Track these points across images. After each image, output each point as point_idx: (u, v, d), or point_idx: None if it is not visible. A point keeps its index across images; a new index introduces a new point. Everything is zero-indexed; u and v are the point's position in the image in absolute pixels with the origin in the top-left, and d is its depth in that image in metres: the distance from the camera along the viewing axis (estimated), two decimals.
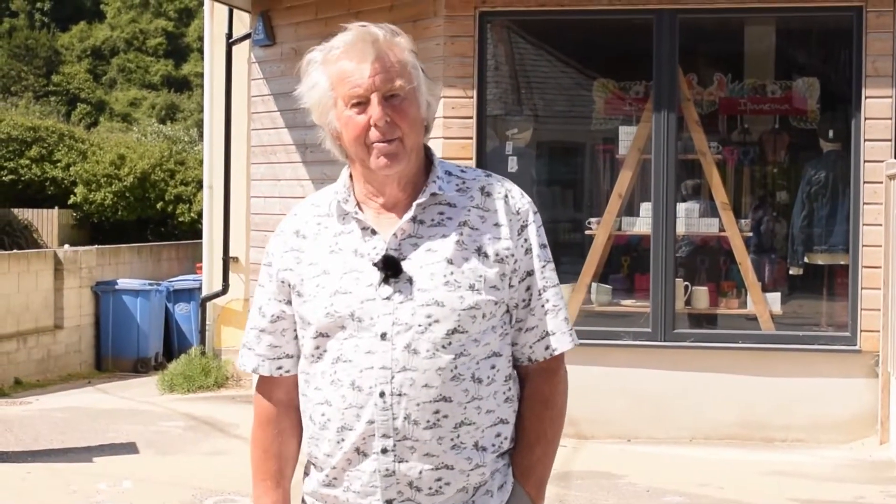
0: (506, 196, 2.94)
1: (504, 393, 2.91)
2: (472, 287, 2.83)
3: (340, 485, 2.89)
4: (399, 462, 2.82)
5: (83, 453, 9.64)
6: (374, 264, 2.83)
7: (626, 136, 10.46)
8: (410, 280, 2.82)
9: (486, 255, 2.87)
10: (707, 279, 10.59)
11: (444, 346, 2.81)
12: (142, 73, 57.86)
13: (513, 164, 10.53)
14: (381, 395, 2.80)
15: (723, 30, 11.17)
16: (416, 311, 2.81)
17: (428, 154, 2.98)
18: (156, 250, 20.20)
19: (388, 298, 2.82)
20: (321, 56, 2.89)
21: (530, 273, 2.93)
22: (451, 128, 10.02)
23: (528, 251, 2.94)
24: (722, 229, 10.21)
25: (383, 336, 2.81)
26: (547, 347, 2.96)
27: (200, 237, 15.60)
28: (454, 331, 2.81)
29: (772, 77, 11.22)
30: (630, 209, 10.49)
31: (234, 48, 13.60)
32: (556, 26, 10.91)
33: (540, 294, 2.94)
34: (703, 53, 11.18)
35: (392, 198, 2.90)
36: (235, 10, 13.45)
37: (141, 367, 16.33)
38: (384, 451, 2.82)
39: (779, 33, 11.32)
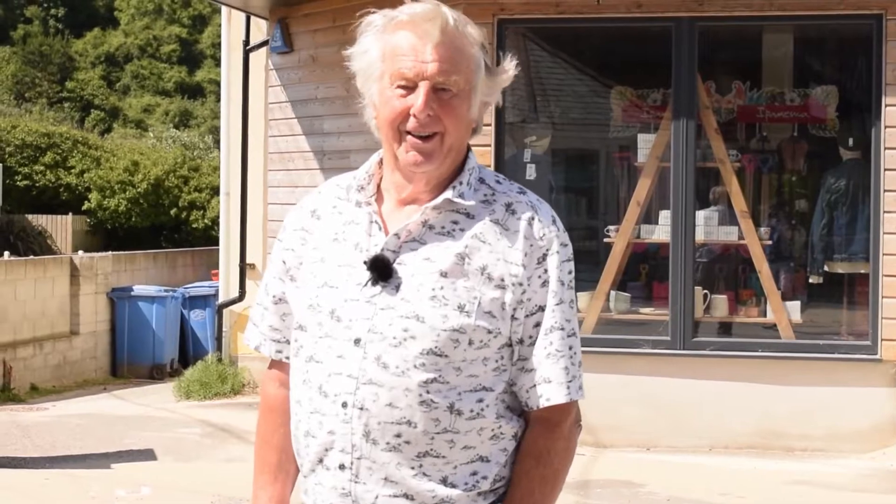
0: (531, 218, 2.63)
1: (492, 430, 2.62)
2: (460, 308, 2.55)
3: (310, 496, 2.69)
4: (355, 482, 2.58)
5: (101, 459, 9.64)
6: (364, 262, 2.60)
7: (645, 143, 10.44)
8: (398, 287, 2.58)
9: (489, 278, 2.58)
10: (726, 287, 10.56)
11: (416, 366, 2.54)
12: (155, 80, 57.97)
13: (531, 172, 10.52)
14: (344, 405, 2.57)
15: (741, 38, 11.15)
16: (393, 322, 2.56)
17: (467, 157, 2.69)
18: (171, 257, 20.24)
19: (370, 302, 2.58)
20: (382, 21, 2.62)
21: (542, 308, 2.62)
22: None
23: (545, 284, 2.61)
24: (741, 237, 10.19)
25: (357, 342, 2.57)
26: (541, 396, 2.63)
27: (214, 244, 15.64)
28: (430, 351, 2.54)
29: (790, 85, 11.20)
30: (648, 217, 10.47)
31: (252, 55, 13.61)
32: (574, 34, 10.91)
33: (546, 334, 2.62)
34: (721, 61, 11.17)
35: (415, 193, 2.65)
36: (253, 17, 13.46)
37: (156, 373, 16.35)
38: (342, 466, 2.59)
39: (797, 41, 11.29)
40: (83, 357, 16.28)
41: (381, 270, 2.58)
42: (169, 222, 31.66)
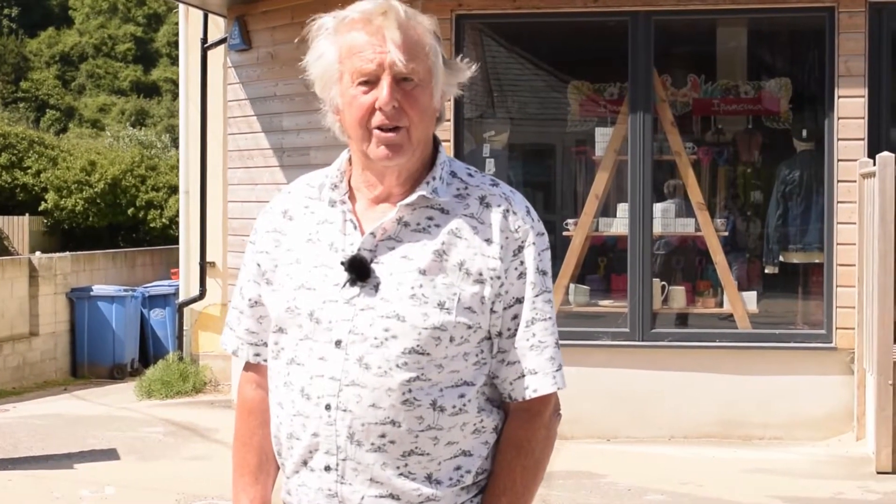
0: (506, 210, 2.62)
1: (474, 425, 2.63)
2: (440, 305, 2.55)
3: (294, 496, 2.69)
4: (341, 483, 2.59)
5: (64, 460, 9.63)
6: (341, 263, 2.58)
7: (602, 137, 10.53)
8: (377, 287, 2.57)
9: (468, 273, 2.57)
10: (683, 279, 10.67)
11: (398, 366, 2.54)
12: (111, 79, 57.67)
13: (490, 167, 10.58)
14: (327, 407, 2.57)
15: (696, 31, 11.26)
16: (374, 322, 2.55)
17: (436, 148, 2.69)
18: (130, 256, 20.17)
19: (349, 303, 2.57)
20: (333, 23, 2.60)
21: (520, 300, 2.62)
22: None
23: (522, 276, 2.61)
24: (698, 229, 10.29)
25: (338, 343, 2.57)
26: (526, 387, 2.63)
27: (172, 243, 15.62)
28: (412, 350, 2.54)
29: (745, 77, 11.32)
30: (606, 210, 10.56)
31: (210, 53, 13.60)
32: (531, 29, 10.97)
33: (527, 326, 2.62)
34: (676, 55, 11.27)
35: (387, 190, 2.63)
36: (210, 15, 13.45)
37: (117, 373, 16.30)
38: (327, 468, 2.59)
39: (751, 34, 11.42)
40: (43, 358, 16.21)
41: (359, 270, 2.57)
42: (127, 222, 31.52)
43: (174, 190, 29.55)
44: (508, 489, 2.65)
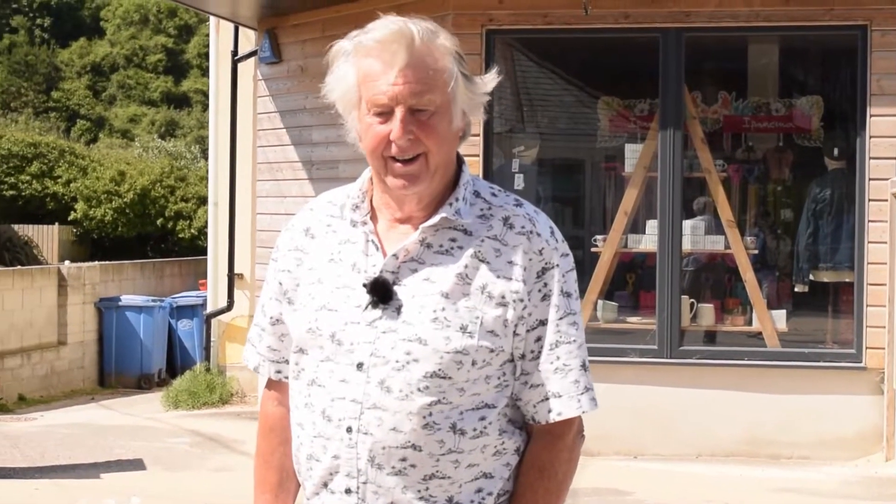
0: (530, 232, 2.59)
1: (495, 447, 2.60)
2: (463, 329, 2.52)
3: None
4: None
5: (90, 469, 9.65)
6: (364, 285, 2.56)
7: (632, 153, 10.50)
8: (399, 309, 2.54)
9: (490, 296, 2.54)
10: (712, 296, 10.62)
11: (419, 389, 2.51)
12: (141, 90, 57.93)
13: (519, 182, 10.57)
14: (349, 430, 2.55)
15: (727, 48, 11.22)
16: (396, 345, 2.52)
17: (459, 167, 2.65)
18: (158, 266, 20.24)
19: (371, 325, 2.55)
20: (352, 47, 2.56)
21: (543, 323, 2.59)
22: None
23: (546, 298, 2.58)
24: (727, 247, 10.25)
25: (360, 366, 2.54)
26: (550, 410, 2.60)
27: (200, 254, 15.67)
28: (434, 374, 2.51)
29: (776, 95, 11.28)
30: (635, 226, 10.52)
31: (240, 65, 13.66)
32: (561, 44, 10.97)
33: (551, 349, 2.59)
34: (707, 72, 11.24)
35: (408, 213, 2.60)
36: (241, 28, 13.50)
37: (144, 383, 16.36)
38: (348, 491, 2.57)
39: (782, 51, 11.37)
40: (71, 367, 16.28)
41: (381, 293, 2.55)
42: (155, 232, 31.62)
43: (203, 201, 29.64)
44: None
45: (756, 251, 10.51)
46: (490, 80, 2.63)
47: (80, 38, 60.31)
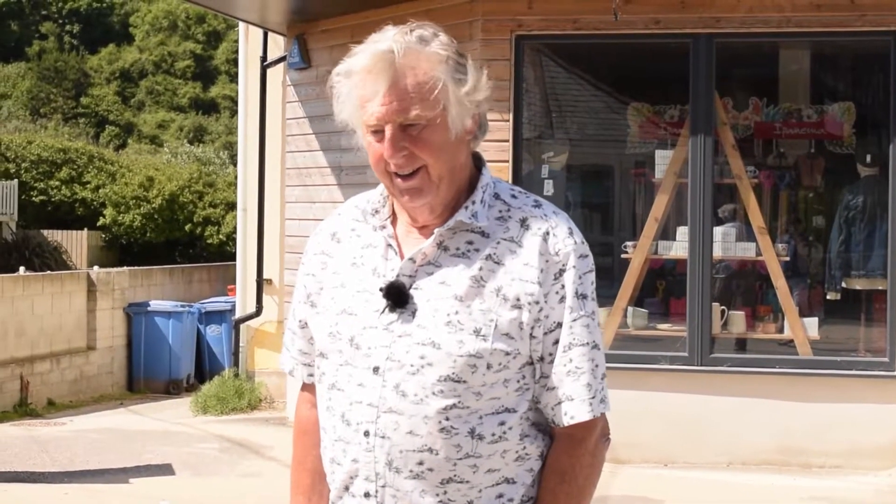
0: (546, 233, 2.58)
1: (516, 451, 2.59)
2: (477, 332, 2.51)
3: None
4: None
5: (119, 474, 9.67)
6: (380, 289, 2.57)
7: (662, 159, 10.45)
8: (414, 313, 2.55)
9: (505, 298, 2.54)
10: (743, 303, 10.57)
11: (434, 393, 2.51)
12: (170, 96, 58.17)
13: (549, 188, 10.53)
14: (366, 433, 2.56)
15: (758, 54, 11.16)
16: (410, 349, 2.53)
17: (479, 169, 2.66)
18: (187, 272, 20.29)
19: (387, 329, 2.56)
20: (346, 69, 2.60)
21: (560, 325, 2.57)
22: (487, 151, 9.95)
23: (563, 300, 2.57)
24: (759, 253, 10.18)
25: (376, 370, 2.55)
26: (566, 413, 2.59)
27: (228, 259, 15.69)
28: (447, 378, 2.51)
29: (807, 101, 11.22)
30: (666, 233, 10.48)
31: (269, 71, 13.68)
32: (591, 50, 10.93)
33: (564, 351, 2.58)
34: (738, 77, 11.18)
35: (423, 222, 2.63)
36: (270, 33, 13.52)
37: (173, 388, 16.40)
38: (367, 494, 2.58)
39: (814, 57, 11.31)
40: (100, 372, 16.33)
41: (397, 297, 2.56)
42: (184, 237, 31.71)
43: (231, 206, 29.74)
44: None
45: (787, 258, 10.44)
46: (484, 84, 2.62)
47: (109, 45, 60.59)
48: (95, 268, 19.34)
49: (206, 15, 57.90)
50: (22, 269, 20.62)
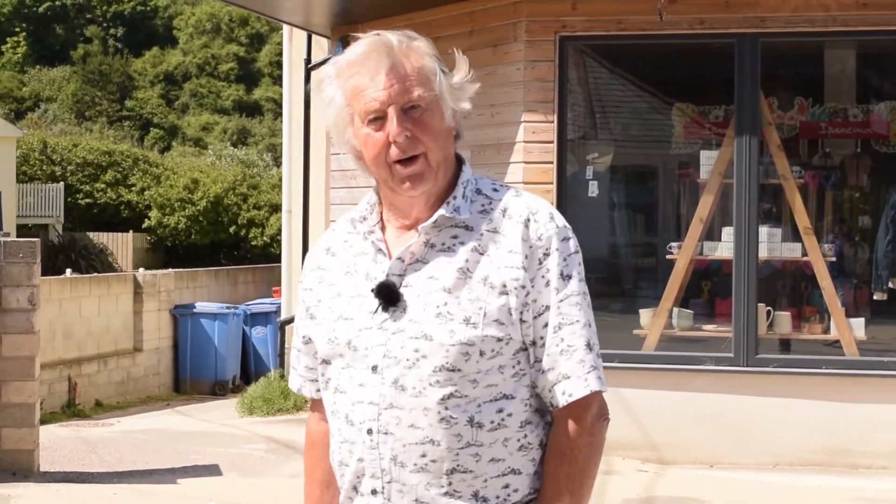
0: (528, 219, 2.64)
1: (518, 440, 2.63)
2: (467, 321, 2.57)
3: None
4: None
5: (167, 475, 9.74)
6: (371, 290, 2.63)
7: (708, 160, 10.42)
8: (406, 309, 2.60)
9: (493, 286, 2.59)
10: (789, 304, 10.52)
11: (431, 384, 2.56)
12: (213, 98, 58.47)
13: (593, 189, 10.53)
14: (369, 431, 2.61)
15: (803, 53, 11.12)
16: (405, 344, 2.58)
17: (459, 167, 2.73)
18: (232, 274, 20.40)
19: (381, 328, 2.61)
20: (334, 70, 2.67)
21: (547, 308, 2.62)
22: (531, 152, 10.05)
23: (549, 283, 2.62)
24: (804, 254, 10.14)
25: (374, 369, 2.60)
26: (563, 393, 2.62)
27: (272, 261, 15.76)
28: (442, 368, 2.56)
29: (853, 101, 11.16)
30: (711, 233, 10.45)
31: (313, 73, 13.73)
32: (635, 51, 10.91)
33: (555, 332, 2.62)
34: (783, 77, 11.13)
35: (416, 217, 2.67)
36: (314, 36, 13.57)
37: (218, 389, 16.49)
38: (374, 492, 2.63)
39: (859, 57, 11.25)
40: (146, 373, 16.45)
41: (388, 296, 2.62)
42: (228, 239, 31.85)
43: (275, 208, 29.86)
44: (554, 499, 2.64)
45: (833, 258, 10.39)
46: (470, 82, 2.70)
47: (153, 48, 60.97)
48: (141, 270, 19.47)
49: (249, 17, 58.16)
50: (68, 271, 20.79)
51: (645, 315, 10.23)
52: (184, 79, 59.59)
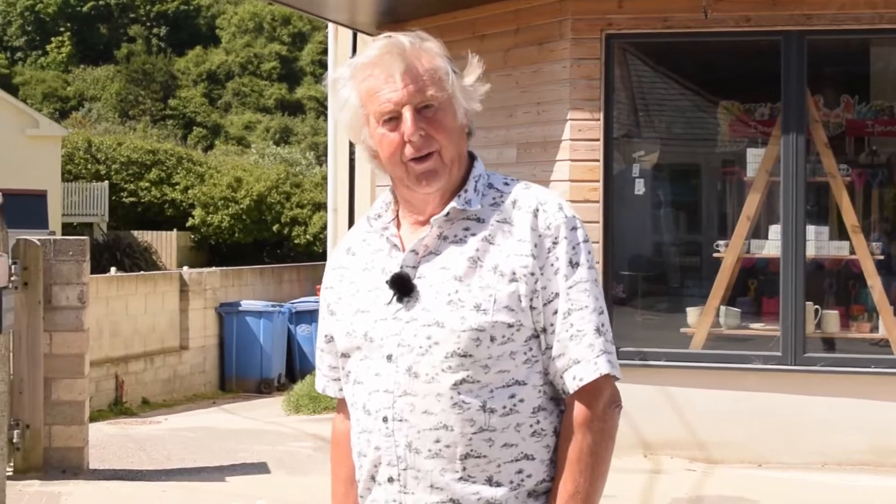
0: (537, 209, 2.70)
1: (531, 426, 2.68)
2: (477, 307, 2.63)
3: None
4: (404, 493, 2.67)
5: (216, 473, 9.79)
6: (386, 282, 2.70)
7: (754, 158, 10.39)
8: (419, 299, 2.67)
9: (503, 274, 2.65)
10: (837, 303, 10.46)
11: (443, 370, 2.63)
12: (256, 97, 58.68)
13: (640, 187, 10.52)
14: (385, 419, 2.67)
15: (849, 51, 11.05)
16: (418, 332, 2.65)
17: (471, 163, 2.79)
18: (277, 272, 20.48)
19: (395, 318, 2.68)
20: (349, 72, 2.74)
21: (557, 295, 2.68)
22: (577, 150, 10.05)
23: (558, 271, 2.68)
24: (852, 252, 10.09)
25: (389, 358, 2.67)
26: (574, 377, 2.67)
27: (315, 259, 15.81)
28: (454, 354, 2.62)
29: None
30: (757, 232, 10.41)
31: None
32: (681, 48, 10.88)
33: (565, 317, 2.67)
34: (829, 75, 11.06)
35: (430, 213, 2.74)
36: (359, 34, 13.60)
37: (264, 387, 16.56)
38: (391, 479, 2.68)
39: None
40: (192, 371, 16.54)
41: (401, 286, 2.68)
42: (271, 238, 31.97)
43: (318, 207, 29.94)
44: (569, 484, 2.66)
45: (881, 257, 10.32)
46: (476, 65, 2.77)
47: (195, 47, 61.26)
48: (186, 268, 19.58)
49: (291, 17, 58.33)
50: (113, 269, 20.95)
51: (692, 313, 10.21)
52: (226, 78, 59.83)
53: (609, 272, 9.96)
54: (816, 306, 10.12)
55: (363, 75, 2.70)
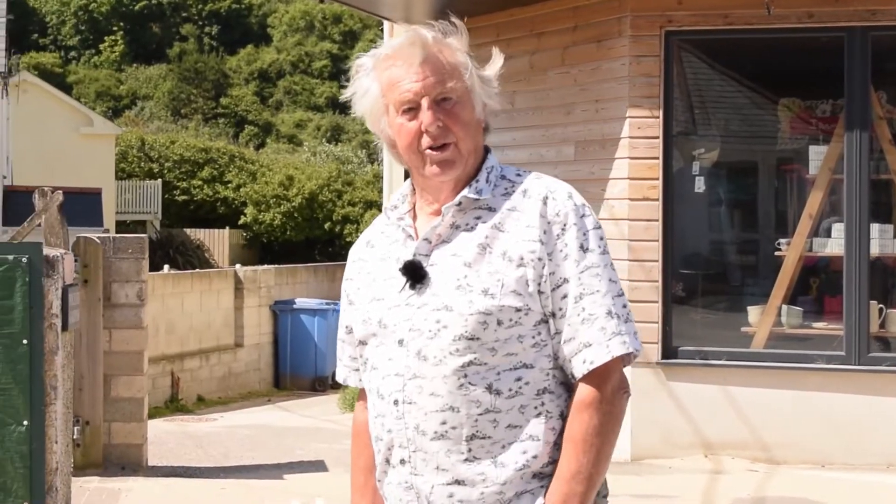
0: (545, 197, 2.75)
1: (536, 408, 2.71)
2: (485, 291, 2.68)
3: (387, 497, 2.83)
4: (415, 475, 2.73)
5: (273, 470, 9.80)
6: (399, 270, 2.77)
7: (816, 155, 10.27)
8: (430, 285, 2.74)
9: (510, 259, 2.71)
10: None
11: (451, 353, 2.68)
12: (307, 95, 58.86)
13: (699, 185, 10.42)
14: (395, 402, 2.73)
15: None
16: (427, 317, 2.71)
17: (485, 156, 2.85)
18: (330, 270, 20.50)
19: (407, 304, 2.74)
20: (371, 62, 2.81)
21: (567, 280, 2.71)
22: (637, 148, 9.96)
23: (567, 256, 2.72)
24: None
25: (400, 342, 2.73)
26: (584, 361, 2.71)
27: None
28: (461, 336, 2.67)
29: None
30: (819, 230, 10.28)
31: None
32: (741, 45, 10.77)
33: (576, 302, 2.71)
34: (892, 71, 10.92)
35: (445, 202, 2.80)
36: None
37: (318, 385, 16.58)
38: (402, 461, 2.74)
39: None
40: (247, 369, 16.58)
41: (413, 273, 2.75)
42: (323, 236, 32.04)
43: (370, 205, 29.98)
44: (572, 464, 2.69)
45: None
46: (498, 60, 2.87)
47: (247, 45, 61.54)
48: (239, 265, 19.63)
49: (342, 15, 58.46)
50: (166, 267, 21.05)
51: (753, 312, 10.10)
52: (278, 76, 60.07)
53: (668, 270, 9.88)
54: (880, 305, 9.98)
55: (385, 65, 2.78)
